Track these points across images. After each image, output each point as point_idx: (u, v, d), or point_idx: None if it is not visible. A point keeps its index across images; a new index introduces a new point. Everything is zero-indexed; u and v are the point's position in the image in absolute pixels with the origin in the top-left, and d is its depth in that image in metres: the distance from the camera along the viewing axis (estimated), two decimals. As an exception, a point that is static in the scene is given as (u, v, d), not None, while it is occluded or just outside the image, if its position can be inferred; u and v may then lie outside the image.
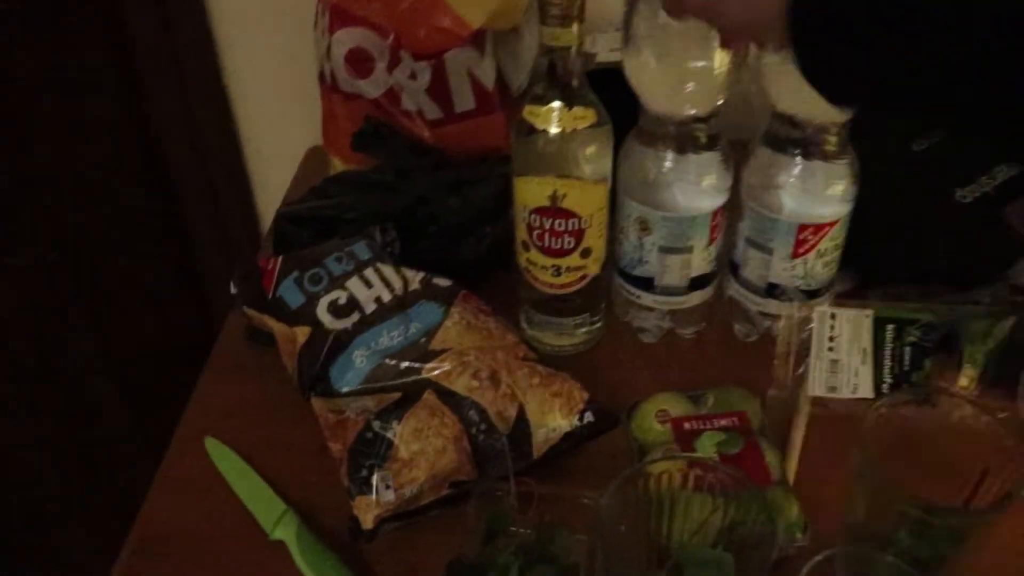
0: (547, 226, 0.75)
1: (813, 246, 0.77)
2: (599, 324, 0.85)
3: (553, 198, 0.73)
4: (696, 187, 0.76)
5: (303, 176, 1.16)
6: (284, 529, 0.68)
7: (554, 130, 0.71)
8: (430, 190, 0.90)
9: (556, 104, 0.71)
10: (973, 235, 0.87)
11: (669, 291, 0.81)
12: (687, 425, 0.70)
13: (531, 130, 0.72)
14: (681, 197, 0.76)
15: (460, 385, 0.69)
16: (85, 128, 1.22)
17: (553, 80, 0.71)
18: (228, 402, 0.82)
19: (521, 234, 0.78)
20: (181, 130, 1.23)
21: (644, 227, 0.77)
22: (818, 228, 0.76)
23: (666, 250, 0.78)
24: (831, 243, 0.77)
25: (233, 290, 0.81)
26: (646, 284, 0.81)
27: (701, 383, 0.76)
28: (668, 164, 0.75)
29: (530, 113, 0.72)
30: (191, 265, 1.36)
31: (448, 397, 0.68)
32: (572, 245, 0.76)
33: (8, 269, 1.24)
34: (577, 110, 0.71)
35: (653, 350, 0.85)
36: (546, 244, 0.76)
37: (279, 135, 1.25)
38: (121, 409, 1.42)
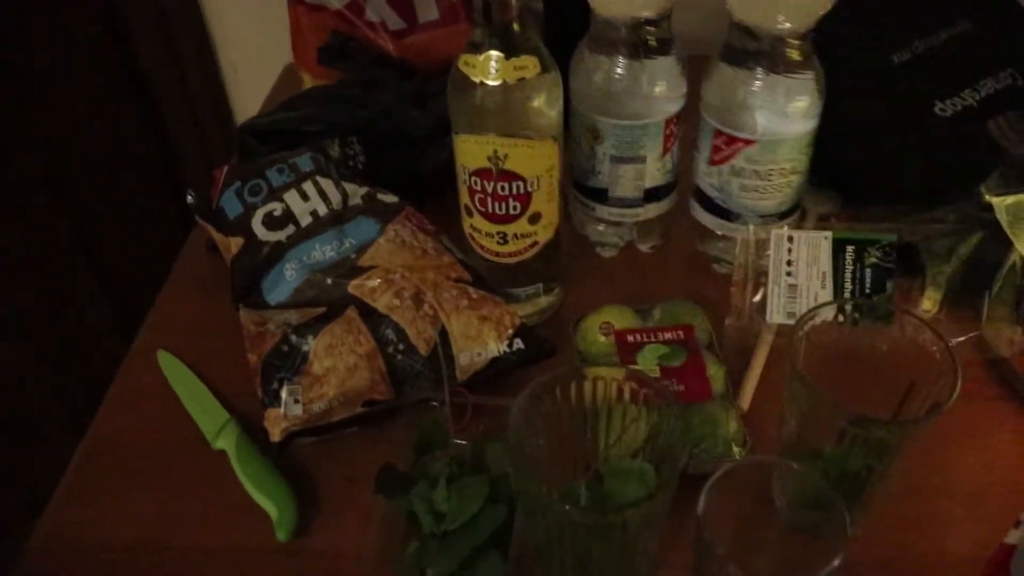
0: (489, 190, 0.67)
1: (728, 157, 0.74)
2: (556, 292, 0.78)
3: (494, 159, 0.66)
4: (648, 94, 0.73)
5: (278, 93, 1.13)
6: (225, 439, 0.69)
7: (493, 82, 0.63)
8: (394, 102, 0.88)
9: (494, 53, 0.62)
10: (951, 150, 0.83)
11: (624, 203, 0.79)
12: (630, 338, 0.69)
13: (468, 82, 0.64)
14: (632, 104, 0.73)
15: (382, 303, 0.67)
16: (69, 53, 1.22)
17: (489, 25, 0.62)
18: (186, 315, 0.82)
19: (463, 198, 0.71)
20: (160, 47, 1.22)
21: (595, 136, 0.74)
22: (731, 140, 0.73)
23: (618, 160, 0.75)
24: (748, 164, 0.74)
25: (189, 200, 0.80)
26: (600, 196, 0.79)
27: (659, 300, 0.74)
28: (619, 71, 0.73)
29: (465, 63, 0.64)
30: (175, 184, 1.36)
31: (368, 315, 0.67)
32: (518, 210, 0.69)
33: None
34: (518, 59, 0.63)
35: (611, 265, 0.84)
36: (489, 210, 0.69)
37: (255, 52, 1.23)
38: (112, 330, 1.43)
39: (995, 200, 0.70)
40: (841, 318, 0.59)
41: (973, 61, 0.87)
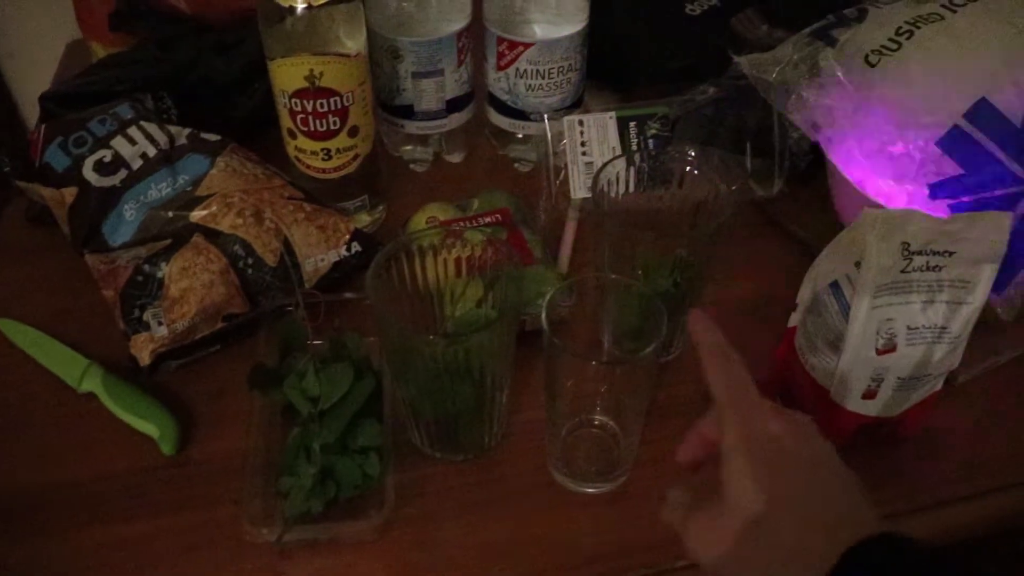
0: (309, 108, 0.73)
1: (512, 61, 0.84)
2: (380, 209, 0.85)
3: (311, 78, 0.72)
4: (438, 11, 0.81)
5: (65, 73, 1.13)
6: (90, 380, 0.71)
7: (301, 5, 0.69)
8: (197, 54, 0.91)
9: None
10: (702, 42, 0.96)
11: (429, 115, 0.86)
12: (455, 226, 0.76)
13: (277, 8, 0.69)
14: (426, 23, 0.81)
15: (225, 224, 0.71)
16: None
17: None
18: (17, 283, 0.82)
19: (285, 123, 0.76)
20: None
21: (396, 55, 0.81)
22: (513, 45, 0.83)
23: (419, 75, 0.83)
24: (530, 66, 0.84)
25: (5, 167, 0.80)
26: (407, 112, 0.86)
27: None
28: (410, -8, 0.80)
29: None
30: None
31: (214, 237, 0.71)
32: (338, 125, 0.75)
33: None
34: None
35: (425, 179, 0.91)
36: (311, 128, 0.75)
37: (32, 33, 1.21)
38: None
39: (740, 59, 0.81)
40: (634, 176, 0.69)
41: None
